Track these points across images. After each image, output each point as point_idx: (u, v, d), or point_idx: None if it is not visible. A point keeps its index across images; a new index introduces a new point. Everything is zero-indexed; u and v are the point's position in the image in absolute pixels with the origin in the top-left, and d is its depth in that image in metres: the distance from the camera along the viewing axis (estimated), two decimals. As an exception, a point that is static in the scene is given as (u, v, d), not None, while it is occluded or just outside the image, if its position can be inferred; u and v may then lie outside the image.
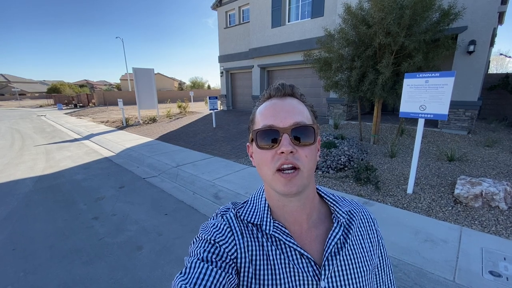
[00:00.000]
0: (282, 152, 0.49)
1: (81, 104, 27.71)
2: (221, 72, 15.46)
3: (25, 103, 37.00)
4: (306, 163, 0.51)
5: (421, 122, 3.55)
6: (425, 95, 3.38)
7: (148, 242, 2.88)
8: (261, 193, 0.63)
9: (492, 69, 23.26)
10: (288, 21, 11.13)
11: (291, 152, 0.49)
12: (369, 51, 5.14)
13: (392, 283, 0.69)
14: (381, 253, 0.66)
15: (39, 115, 18.63)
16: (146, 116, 13.41)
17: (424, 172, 4.42)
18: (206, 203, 3.82)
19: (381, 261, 0.66)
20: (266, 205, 0.59)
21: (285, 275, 0.53)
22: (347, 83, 5.67)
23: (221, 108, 15.90)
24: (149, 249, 2.75)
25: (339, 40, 5.67)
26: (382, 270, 0.66)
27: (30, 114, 20.24)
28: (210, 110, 10.16)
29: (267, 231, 0.56)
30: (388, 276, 0.68)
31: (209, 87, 49.12)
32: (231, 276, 0.50)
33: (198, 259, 0.51)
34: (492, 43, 8.29)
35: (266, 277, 0.53)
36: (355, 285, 0.56)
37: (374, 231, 0.66)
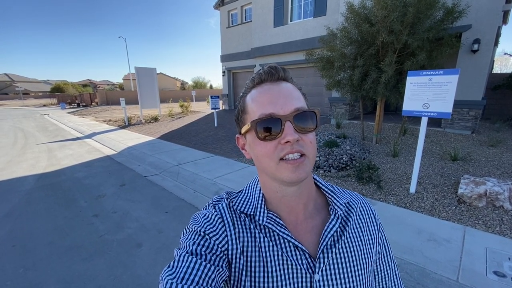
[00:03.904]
0: (287, 142, 0.47)
1: (84, 104, 27.87)
2: (223, 72, 15.47)
3: (28, 102, 37.26)
4: (311, 149, 0.49)
5: (424, 121, 3.50)
6: (429, 93, 3.34)
7: (148, 240, 2.87)
8: (255, 183, 0.61)
9: (496, 69, 23.06)
10: (291, 20, 11.11)
11: (297, 140, 0.47)
12: (372, 50, 5.11)
13: (397, 277, 0.66)
14: (382, 246, 0.64)
15: (42, 114, 18.73)
16: (148, 115, 13.42)
17: (427, 171, 4.37)
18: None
19: (383, 254, 0.64)
20: (261, 195, 0.57)
21: (277, 268, 0.52)
22: (349, 82, 5.64)
23: (223, 108, 15.90)
24: (149, 247, 2.74)
25: (341, 39, 5.64)
26: (385, 264, 0.64)
27: (33, 113, 20.36)
28: (211, 109, 10.16)
29: (261, 222, 0.54)
30: (393, 270, 0.65)
31: (211, 87, 49.16)
32: (221, 269, 0.49)
33: (186, 252, 0.49)
34: (496, 43, 8.20)
35: (257, 269, 0.52)
36: (351, 279, 0.54)
37: (375, 223, 0.63)
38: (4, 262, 2.52)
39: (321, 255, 0.53)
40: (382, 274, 0.64)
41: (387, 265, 0.64)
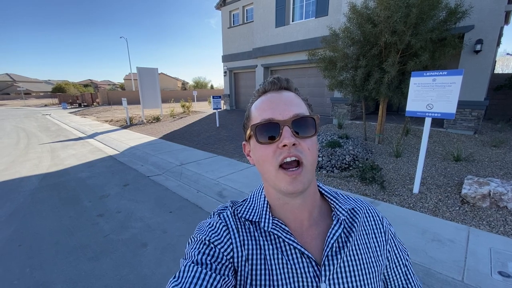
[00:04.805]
0: (285, 145, 0.47)
1: (86, 104, 27.91)
2: (225, 72, 15.48)
3: (30, 102, 37.35)
4: (310, 156, 0.49)
5: (428, 121, 3.51)
6: (432, 93, 3.34)
7: (153, 240, 2.88)
8: (260, 191, 0.61)
9: (498, 69, 23.04)
10: (292, 21, 11.11)
11: (294, 144, 0.47)
12: (375, 50, 5.11)
13: (415, 283, 0.62)
14: (392, 254, 0.61)
15: (44, 114, 18.78)
16: (150, 116, 13.46)
17: (430, 172, 4.38)
18: (210, 201, 3.81)
19: (395, 263, 0.61)
20: (266, 202, 0.57)
21: (282, 276, 0.51)
22: (352, 82, 5.64)
23: (224, 108, 15.91)
24: (154, 246, 2.75)
25: (344, 39, 5.64)
26: (398, 273, 0.60)
27: (35, 113, 20.41)
28: (213, 109, 10.17)
29: (266, 228, 0.54)
30: (410, 281, 0.61)
31: (212, 87, 49.21)
32: (226, 278, 0.49)
33: (192, 262, 0.49)
34: (498, 43, 8.20)
35: (262, 277, 0.51)
36: None
37: (382, 230, 0.61)
38: (10, 261, 2.54)
39: (326, 262, 0.52)
40: (395, 284, 0.60)
41: (402, 274, 0.61)
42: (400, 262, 0.61)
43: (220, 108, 10.33)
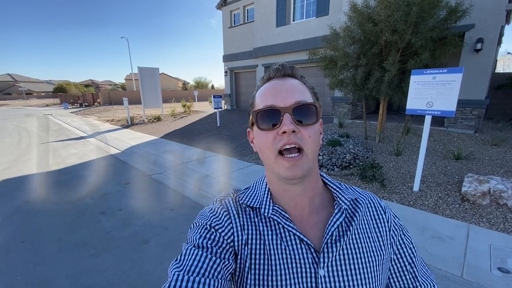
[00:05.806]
0: (284, 132, 0.47)
1: (87, 104, 28.01)
2: (225, 72, 15.50)
3: (31, 102, 37.46)
4: (310, 144, 0.49)
5: (428, 119, 3.52)
6: (433, 91, 3.35)
7: (154, 236, 2.90)
8: (262, 179, 0.62)
9: (499, 69, 22.97)
10: (293, 20, 11.13)
11: (293, 131, 0.47)
12: (375, 49, 5.12)
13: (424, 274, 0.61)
14: (395, 238, 0.60)
15: (46, 114, 18.83)
16: (151, 115, 13.48)
17: (430, 170, 4.38)
18: (211, 199, 3.83)
19: (399, 246, 0.60)
20: (267, 189, 0.58)
21: (281, 261, 0.51)
22: (352, 81, 5.65)
23: (225, 108, 15.93)
24: (155, 243, 2.77)
25: (344, 38, 5.66)
26: (402, 266, 0.59)
27: (36, 113, 20.48)
28: (214, 108, 10.19)
29: (266, 214, 0.55)
30: (413, 274, 0.60)
31: (212, 87, 49.28)
32: (227, 262, 0.50)
33: (193, 245, 0.50)
34: (499, 42, 8.18)
35: (260, 261, 0.52)
36: (358, 276, 0.52)
37: (384, 219, 0.60)
38: (14, 257, 2.57)
39: (325, 249, 0.52)
40: (401, 265, 0.60)
41: (407, 256, 0.60)
42: (404, 248, 0.60)
43: (221, 108, 10.35)
